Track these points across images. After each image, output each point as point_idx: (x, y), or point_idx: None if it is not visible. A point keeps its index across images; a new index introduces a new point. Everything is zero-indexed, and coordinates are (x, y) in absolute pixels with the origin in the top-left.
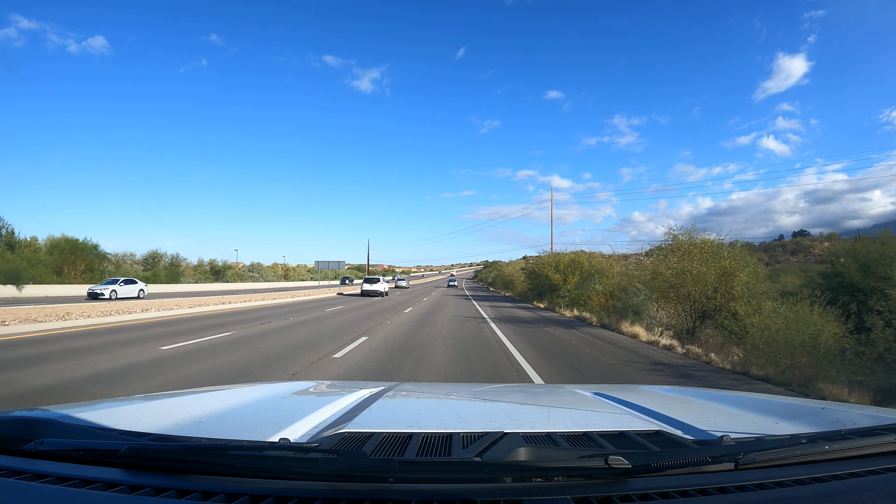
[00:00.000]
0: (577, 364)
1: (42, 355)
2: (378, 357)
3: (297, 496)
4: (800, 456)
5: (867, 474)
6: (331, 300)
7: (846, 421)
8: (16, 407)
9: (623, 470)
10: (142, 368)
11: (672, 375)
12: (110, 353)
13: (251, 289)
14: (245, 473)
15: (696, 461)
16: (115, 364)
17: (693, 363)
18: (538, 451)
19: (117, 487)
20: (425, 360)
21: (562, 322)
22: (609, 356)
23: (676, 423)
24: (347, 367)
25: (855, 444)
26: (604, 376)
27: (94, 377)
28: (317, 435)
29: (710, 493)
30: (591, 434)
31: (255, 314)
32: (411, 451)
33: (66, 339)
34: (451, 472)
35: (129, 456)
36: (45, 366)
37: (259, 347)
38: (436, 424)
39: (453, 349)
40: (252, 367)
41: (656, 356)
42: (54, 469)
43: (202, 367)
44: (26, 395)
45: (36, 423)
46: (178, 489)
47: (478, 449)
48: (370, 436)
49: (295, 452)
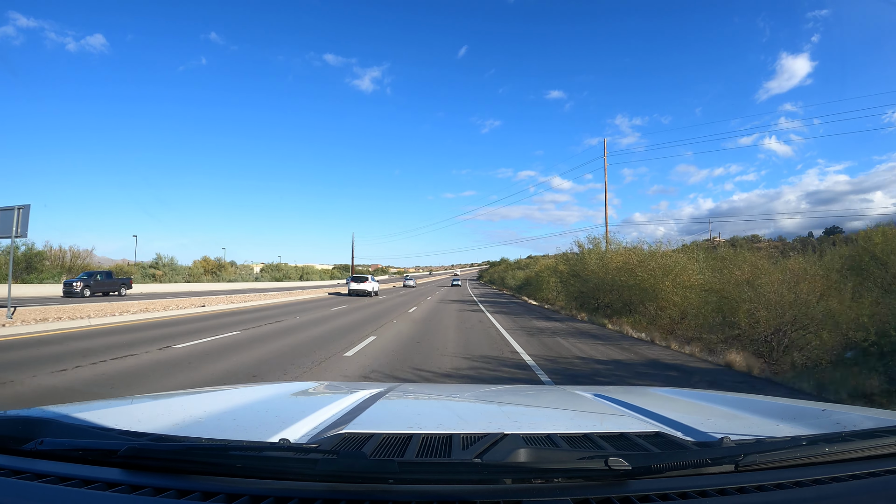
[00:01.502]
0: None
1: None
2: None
3: (296, 497)
4: (800, 458)
5: (868, 476)
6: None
7: (846, 423)
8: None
9: (623, 471)
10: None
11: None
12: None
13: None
14: (245, 474)
15: (696, 463)
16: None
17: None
18: (538, 453)
19: (117, 487)
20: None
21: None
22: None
23: (676, 424)
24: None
25: (855, 446)
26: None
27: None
28: (317, 436)
29: (711, 494)
30: (591, 435)
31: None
32: (411, 452)
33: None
34: (451, 474)
35: (129, 456)
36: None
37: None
38: (436, 425)
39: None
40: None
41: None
42: (54, 469)
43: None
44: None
45: (36, 422)
46: (178, 489)
47: (478, 450)
48: (370, 436)
49: (295, 453)
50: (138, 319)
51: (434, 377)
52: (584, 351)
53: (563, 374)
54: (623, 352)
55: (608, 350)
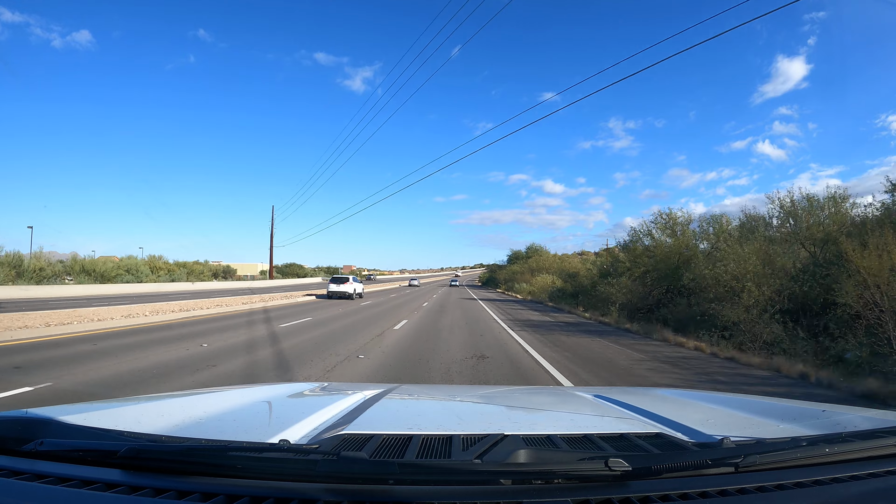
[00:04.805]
0: None
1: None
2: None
3: (296, 497)
4: (800, 459)
5: (868, 477)
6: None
7: (846, 424)
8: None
9: (623, 472)
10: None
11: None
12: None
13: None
14: (245, 475)
15: (696, 464)
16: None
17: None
18: (538, 454)
19: (117, 488)
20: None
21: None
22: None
23: (677, 425)
24: None
25: (855, 447)
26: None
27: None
28: (317, 436)
29: (711, 495)
30: (591, 436)
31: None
32: (411, 453)
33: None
34: (450, 475)
35: (129, 457)
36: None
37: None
38: (436, 426)
39: None
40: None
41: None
42: (54, 469)
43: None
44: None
45: (36, 423)
46: (178, 490)
47: (478, 451)
48: (370, 437)
49: (295, 454)
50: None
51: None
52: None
53: None
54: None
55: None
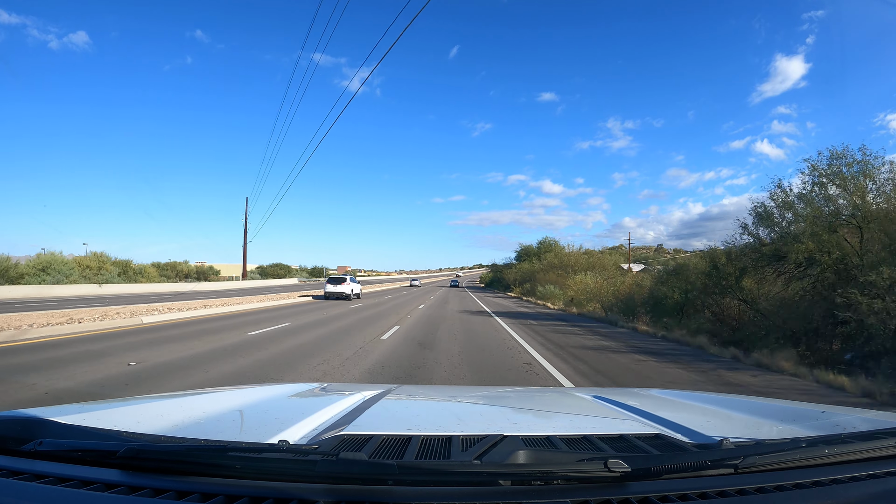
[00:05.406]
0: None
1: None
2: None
3: (296, 498)
4: (800, 460)
5: (868, 478)
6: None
7: (846, 425)
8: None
9: (622, 473)
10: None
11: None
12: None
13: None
14: (244, 475)
15: (695, 465)
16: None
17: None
18: (537, 455)
19: (116, 488)
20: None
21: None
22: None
23: (676, 426)
24: None
25: (855, 448)
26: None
27: None
28: (316, 437)
29: (710, 496)
30: (590, 437)
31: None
32: (410, 453)
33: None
34: (450, 475)
35: (129, 457)
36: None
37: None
38: (435, 427)
39: None
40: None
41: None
42: (53, 469)
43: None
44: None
45: (35, 423)
46: (177, 490)
47: (477, 452)
48: (369, 438)
49: (294, 454)
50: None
51: None
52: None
53: None
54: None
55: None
